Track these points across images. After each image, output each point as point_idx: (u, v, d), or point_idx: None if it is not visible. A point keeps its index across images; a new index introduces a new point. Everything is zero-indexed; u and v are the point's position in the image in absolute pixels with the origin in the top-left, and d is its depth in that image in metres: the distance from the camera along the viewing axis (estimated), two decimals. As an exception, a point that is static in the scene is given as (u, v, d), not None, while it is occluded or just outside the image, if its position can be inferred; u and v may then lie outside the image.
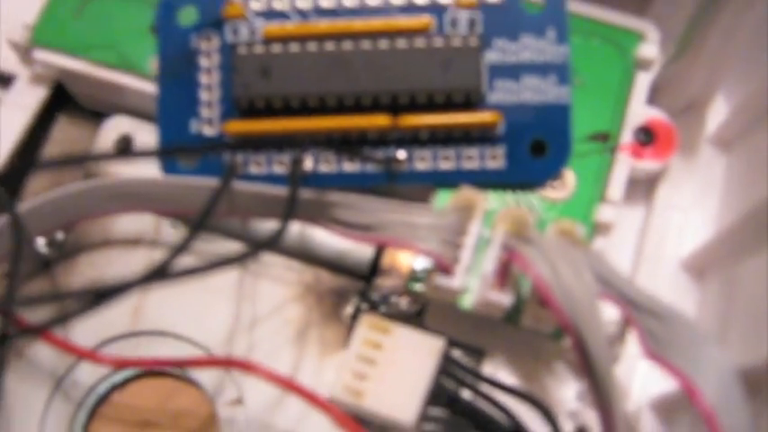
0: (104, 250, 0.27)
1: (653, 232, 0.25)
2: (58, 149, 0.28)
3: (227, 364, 0.24)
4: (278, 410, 0.25)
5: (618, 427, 0.20)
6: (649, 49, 0.25)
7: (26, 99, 0.27)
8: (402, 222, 0.22)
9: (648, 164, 0.25)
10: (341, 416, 0.22)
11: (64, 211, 0.24)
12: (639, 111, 0.25)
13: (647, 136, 0.25)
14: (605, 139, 0.25)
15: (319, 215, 0.23)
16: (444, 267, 0.22)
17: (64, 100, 0.28)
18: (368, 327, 0.24)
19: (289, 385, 0.22)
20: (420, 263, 0.24)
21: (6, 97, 0.27)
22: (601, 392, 0.20)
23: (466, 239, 0.22)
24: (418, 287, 0.24)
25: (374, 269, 0.26)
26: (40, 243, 0.26)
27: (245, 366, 0.23)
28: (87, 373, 0.26)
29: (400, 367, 0.23)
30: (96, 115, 0.28)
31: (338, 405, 0.23)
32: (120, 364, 0.24)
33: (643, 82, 0.25)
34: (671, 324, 0.20)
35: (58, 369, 0.25)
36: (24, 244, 0.23)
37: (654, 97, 0.25)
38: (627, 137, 0.24)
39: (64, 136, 0.28)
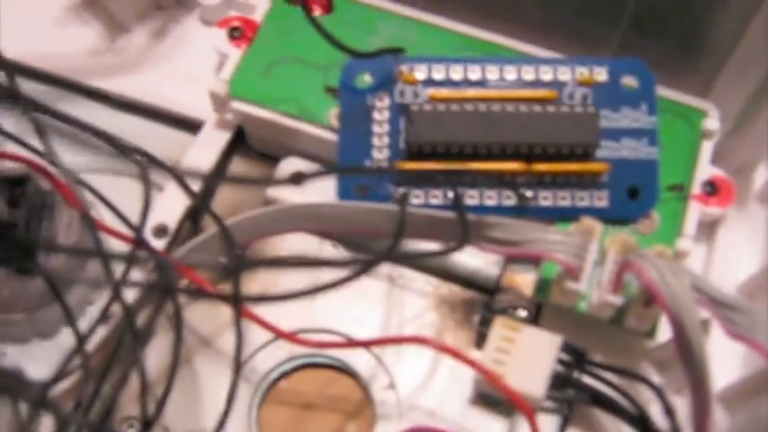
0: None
1: (715, 263, 0.33)
2: (232, 184, 0.35)
3: (408, 340, 0.30)
4: (423, 393, 0.31)
5: (711, 401, 0.27)
6: (711, 123, 0.33)
7: (214, 141, 0.34)
8: (542, 239, 0.29)
9: (713, 210, 0.32)
10: (491, 375, 0.28)
11: (259, 227, 0.31)
12: (705, 169, 0.32)
13: (711, 188, 0.32)
14: (681, 189, 0.32)
15: (475, 235, 0.29)
16: (573, 274, 0.29)
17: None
18: (501, 326, 0.30)
19: (455, 353, 0.28)
20: (540, 275, 0.31)
21: (197, 140, 0.34)
22: (696, 373, 0.27)
23: (588, 255, 0.29)
24: (542, 294, 0.31)
25: (496, 286, 0.32)
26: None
27: (420, 340, 0.29)
28: (263, 361, 0.32)
29: (529, 356, 0.30)
30: (264, 156, 0.35)
31: (480, 386, 0.30)
32: (319, 346, 0.30)
33: (707, 148, 0.33)
34: (750, 314, 0.27)
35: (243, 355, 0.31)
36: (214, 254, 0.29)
37: (716, 158, 0.33)
38: (697, 188, 0.32)
39: (240, 172, 0.35)
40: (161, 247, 0.31)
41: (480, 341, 0.31)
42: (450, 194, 0.31)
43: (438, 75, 0.32)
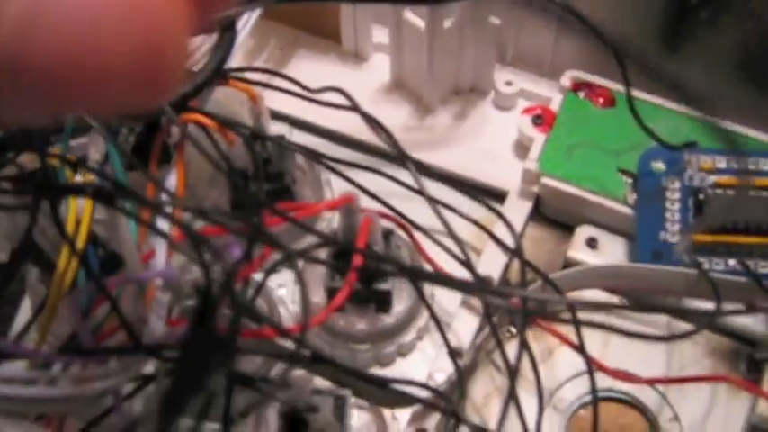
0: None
1: None
2: (530, 246, 0.42)
3: (711, 379, 0.37)
4: (702, 425, 0.38)
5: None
6: None
7: (518, 208, 0.42)
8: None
9: None
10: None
11: (573, 282, 0.38)
12: None
13: None
14: None
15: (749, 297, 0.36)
16: None
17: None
18: (774, 372, 0.37)
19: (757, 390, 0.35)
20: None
21: (505, 206, 0.42)
22: None
23: None
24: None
25: (761, 340, 0.39)
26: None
27: (722, 378, 0.36)
28: (570, 392, 0.39)
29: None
30: (555, 222, 0.42)
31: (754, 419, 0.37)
32: (646, 382, 0.37)
33: None
34: None
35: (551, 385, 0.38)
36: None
37: None
38: None
39: (534, 235, 0.42)
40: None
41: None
42: (731, 262, 0.38)
43: (720, 164, 0.39)
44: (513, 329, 0.39)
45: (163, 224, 0.31)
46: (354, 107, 0.37)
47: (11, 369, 0.28)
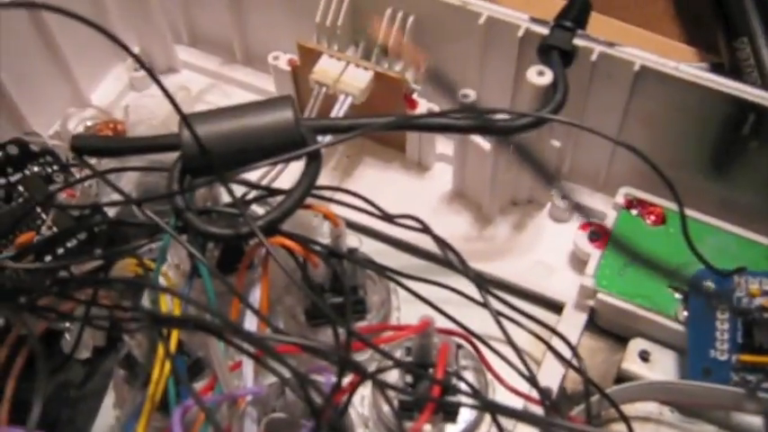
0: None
1: None
2: (584, 355, 0.45)
3: None
4: None
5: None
6: None
7: (574, 321, 0.44)
8: None
9: None
10: None
11: (630, 395, 0.41)
12: None
13: None
14: None
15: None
16: None
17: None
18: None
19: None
20: None
21: (562, 318, 0.44)
22: None
23: None
24: None
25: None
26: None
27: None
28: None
29: None
30: (608, 333, 0.45)
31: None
32: None
33: None
34: None
35: None
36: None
37: None
38: None
39: (589, 345, 0.45)
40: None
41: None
42: (778, 382, 0.40)
43: (767, 287, 0.41)
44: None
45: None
46: (427, 230, 0.40)
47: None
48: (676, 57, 0.44)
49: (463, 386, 0.38)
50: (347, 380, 0.34)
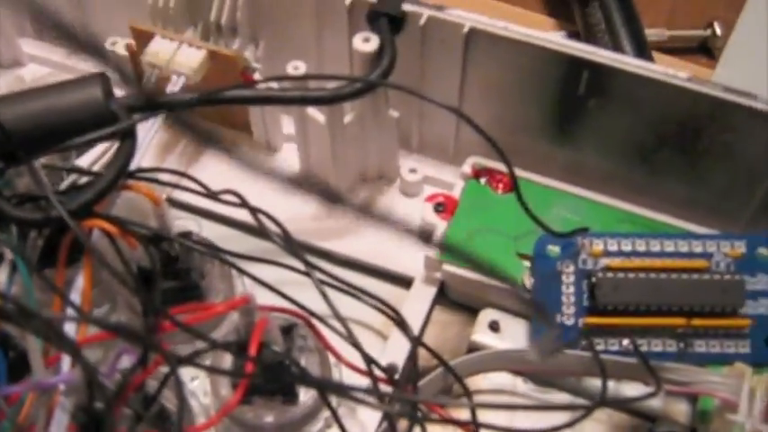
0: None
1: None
2: (437, 330, 0.43)
3: None
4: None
5: None
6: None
7: (423, 294, 0.43)
8: (707, 380, 0.37)
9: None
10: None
11: (474, 366, 0.39)
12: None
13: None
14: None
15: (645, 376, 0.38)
16: (732, 407, 0.37)
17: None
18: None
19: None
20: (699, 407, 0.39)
21: (411, 293, 0.43)
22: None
23: (742, 392, 0.37)
24: (702, 422, 0.39)
25: (658, 415, 0.40)
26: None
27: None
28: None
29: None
30: (461, 306, 0.44)
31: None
32: None
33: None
34: None
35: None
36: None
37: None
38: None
39: (441, 319, 0.43)
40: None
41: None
42: (624, 342, 0.39)
43: (612, 247, 0.40)
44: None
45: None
46: (245, 204, 0.38)
47: None
48: (536, 28, 0.43)
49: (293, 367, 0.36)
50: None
